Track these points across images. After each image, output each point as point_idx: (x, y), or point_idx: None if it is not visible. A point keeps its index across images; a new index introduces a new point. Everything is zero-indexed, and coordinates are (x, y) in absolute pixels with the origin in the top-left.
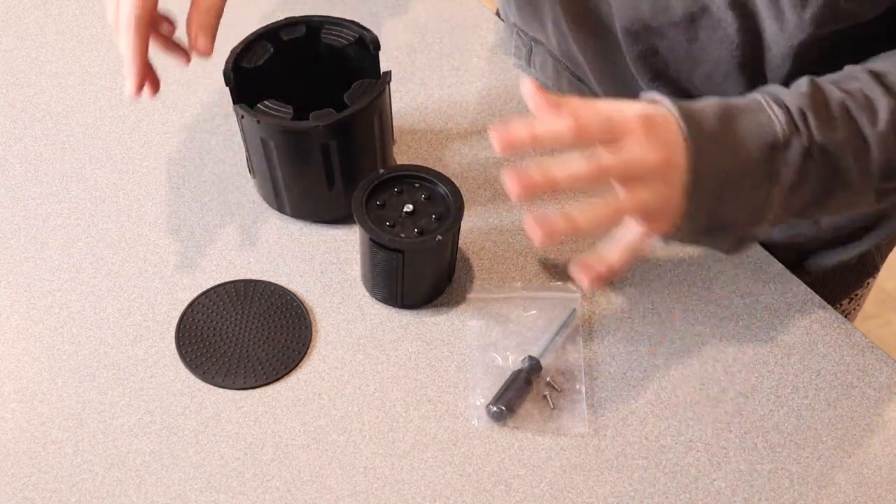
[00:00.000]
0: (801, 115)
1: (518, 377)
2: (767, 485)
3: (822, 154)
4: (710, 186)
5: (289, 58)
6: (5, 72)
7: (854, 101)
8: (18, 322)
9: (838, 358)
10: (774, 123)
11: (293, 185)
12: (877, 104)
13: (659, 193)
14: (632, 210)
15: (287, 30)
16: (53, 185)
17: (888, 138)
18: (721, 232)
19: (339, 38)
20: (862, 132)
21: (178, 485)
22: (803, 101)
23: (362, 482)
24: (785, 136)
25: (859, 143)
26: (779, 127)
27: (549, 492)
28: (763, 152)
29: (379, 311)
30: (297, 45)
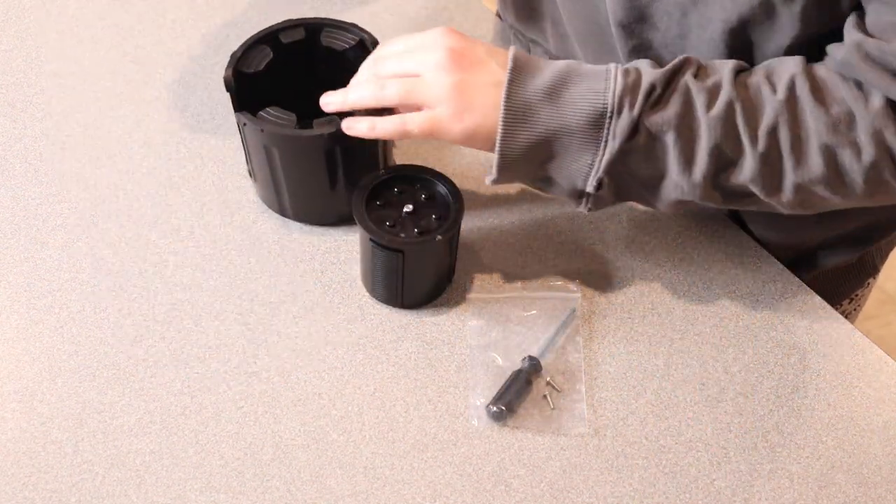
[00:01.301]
0: (634, 90)
1: (518, 377)
2: (767, 485)
3: (647, 129)
4: (530, 137)
5: (288, 61)
6: (5, 72)
7: (698, 84)
8: (18, 322)
9: (838, 358)
10: (607, 93)
11: (296, 190)
12: (720, 91)
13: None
14: (415, 129)
15: (286, 33)
16: (53, 185)
17: (720, 124)
18: (548, 183)
19: (339, 41)
20: (694, 113)
21: (178, 485)
22: (655, 76)
23: (362, 482)
24: (613, 107)
25: (688, 123)
26: (610, 97)
27: (549, 492)
28: (589, 118)
29: (379, 311)
30: (297, 48)
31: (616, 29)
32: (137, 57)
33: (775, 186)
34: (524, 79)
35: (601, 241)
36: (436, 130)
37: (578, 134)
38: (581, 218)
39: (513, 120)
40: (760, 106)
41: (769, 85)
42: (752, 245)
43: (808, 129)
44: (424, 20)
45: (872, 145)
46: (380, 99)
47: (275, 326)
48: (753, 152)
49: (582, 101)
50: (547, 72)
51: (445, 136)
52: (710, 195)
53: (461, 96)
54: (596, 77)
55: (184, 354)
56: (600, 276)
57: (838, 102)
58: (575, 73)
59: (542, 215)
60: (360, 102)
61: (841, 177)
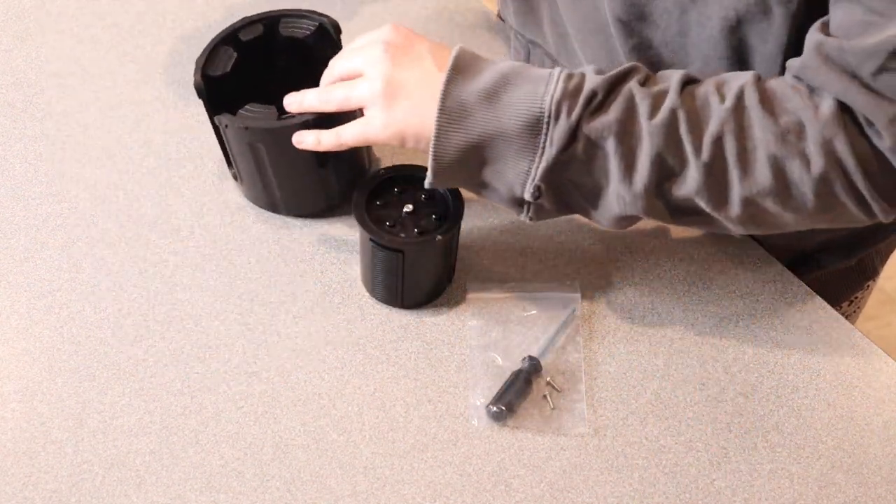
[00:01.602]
0: (574, 95)
1: (518, 377)
2: (767, 485)
3: (586, 136)
4: (464, 140)
5: (253, 57)
6: (5, 72)
7: (643, 91)
8: (18, 322)
9: (838, 358)
10: (545, 97)
11: (285, 183)
12: (664, 98)
13: (369, 129)
14: (350, 140)
15: (245, 31)
16: (53, 185)
17: (662, 131)
18: (487, 188)
19: (298, 30)
20: (636, 119)
21: (178, 485)
22: (598, 82)
23: (362, 482)
24: (551, 112)
25: (629, 129)
26: (547, 102)
27: (549, 492)
28: (527, 122)
29: (379, 311)
30: (259, 43)
31: (615, 27)
32: (137, 57)
33: (722, 199)
34: (462, 79)
35: (601, 241)
36: (368, 138)
37: (515, 139)
38: (581, 218)
39: (447, 121)
40: (706, 115)
41: (718, 95)
42: (752, 245)
43: (756, 138)
44: (425, 20)
45: (822, 156)
46: (325, 104)
47: (275, 326)
48: (697, 162)
49: (520, 105)
50: (487, 73)
51: (376, 140)
52: (654, 207)
53: (390, 96)
54: (537, 81)
55: (184, 354)
56: (600, 276)
57: (788, 112)
58: (517, 76)
59: None
60: (310, 109)
61: (789, 189)
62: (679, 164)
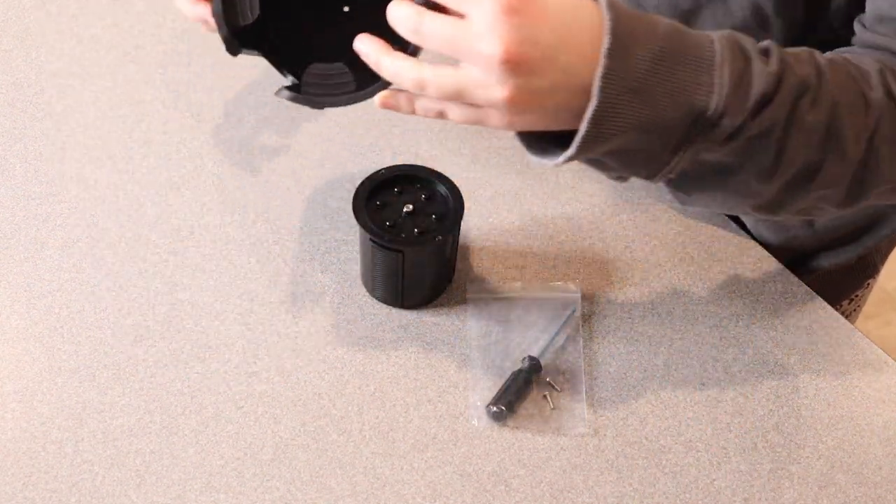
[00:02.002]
0: (743, 94)
1: (518, 377)
2: (767, 485)
3: (746, 135)
4: (612, 139)
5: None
6: (5, 72)
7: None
8: (18, 322)
9: (838, 358)
10: (712, 94)
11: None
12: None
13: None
14: (459, 120)
15: None
16: (53, 185)
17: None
18: (604, 168)
19: None
20: (799, 116)
21: (178, 485)
22: (768, 81)
23: (362, 482)
24: (716, 112)
25: (789, 127)
26: (714, 100)
27: (549, 492)
28: (685, 118)
29: (379, 311)
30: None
31: None
32: (137, 57)
33: (857, 194)
34: (617, 76)
35: (601, 241)
36: (485, 125)
37: (666, 133)
38: (581, 218)
39: (595, 130)
40: (860, 107)
41: (864, 82)
42: (752, 245)
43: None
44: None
45: None
46: (421, 88)
47: (275, 326)
48: (850, 158)
49: (680, 99)
50: (644, 56)
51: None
52: (785, 203)
53: (519, 105)
54: (699, 64)
55: (184, 354)
56: (600, 276)
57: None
58: (676, 55)
59: (542, 215)
60: (395, 81)
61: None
62: (833, 161)
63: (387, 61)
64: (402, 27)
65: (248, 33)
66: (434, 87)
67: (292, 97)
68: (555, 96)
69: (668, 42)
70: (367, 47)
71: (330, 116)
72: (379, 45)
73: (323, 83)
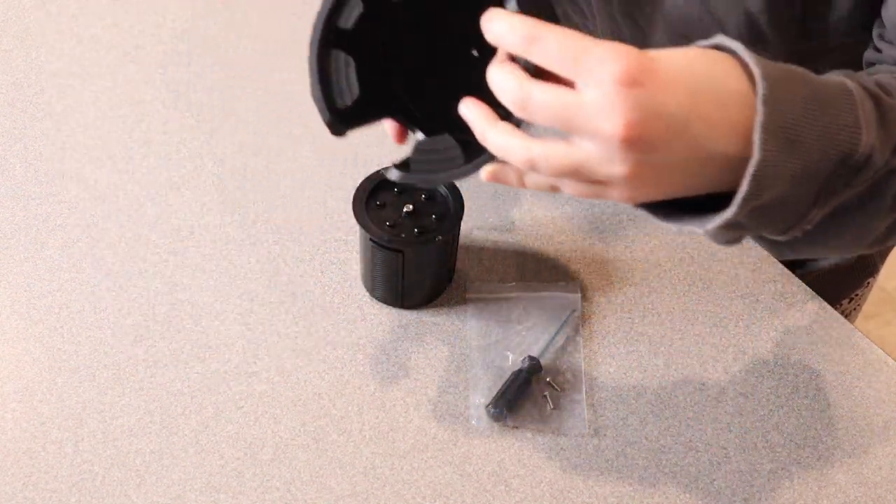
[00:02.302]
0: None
1: (518, 377)
2: (767, 485)
3: (887, 170)
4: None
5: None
6: (5, 72)
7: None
8: (18, 322)
9: (838, 358)
10: (859, 136)
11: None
12: None
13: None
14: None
15: None
16: (53, 185)
17: None
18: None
19: None
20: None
21: (178, 485)
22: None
23: (362, 482)
24: (864, 154)
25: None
26: (863, 142)
27: (549, 492)
28: (833, 163)
29: (379, 311)
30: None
31: None
32: (137, 57)
33: None
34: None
35: (601, 241)
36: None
37: (813, 182)
38: (581, 218)
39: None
40: None
41: None
42: (752, 245)
43: None
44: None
45: None
46: (532, 167)
47: (275, 326)
48: None
49: (829, 141)
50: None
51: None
52: (892, 233)
53: (643, 180)
54: (840, 109)
55: (184, 354)
56: (600, 276)
57: None
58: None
59: (542, 215)
60: (503, 158)
61: None
62: None
63: (493, 135)
64: (508, 99)
65: (349, 113)
66: (546, 166)
67: (402, 177)
68: (685, 168)
69: (810, 85)
70: (472, 114)
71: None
72: (485, 112)
73: (430, 158)
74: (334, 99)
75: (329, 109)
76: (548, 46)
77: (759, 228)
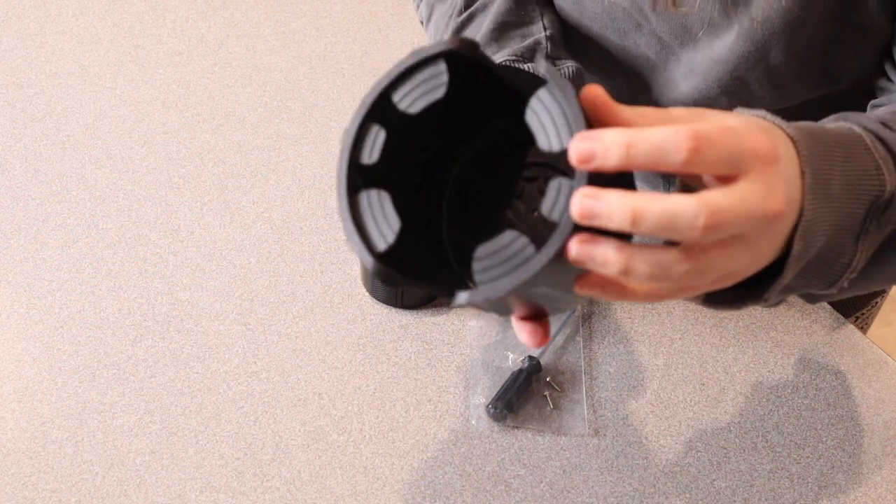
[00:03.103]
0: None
1: (518, 377)
2: (767, 485)
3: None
4: (810, 249)
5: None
6: (5, 72)
7: None
8: (18, 322)
9: (838, 358)
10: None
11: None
12: None
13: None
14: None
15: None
16: (53, 185)
17: None
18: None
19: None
20: None
21: (178, 485)
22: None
23: (362, 482)
24: (889, 193)
25: None
26: (888, 182)
27: (549, 492)
28: (863, 210)
29: (379, 311)
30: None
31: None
32: (137, 57)
33: None
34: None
35: None
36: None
37: (848, 233)
38: None
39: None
40: None
41: None
42: None
43: None
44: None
45: None
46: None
47: (275, 326)
48: None
49: (857, 188)
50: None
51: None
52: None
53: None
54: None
55: (184, 354)
56: None
57: None
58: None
59: None
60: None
61: None
62: None
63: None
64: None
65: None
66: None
67: (470, 301)
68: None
69: (830, 139)
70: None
71: (329, 116)
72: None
73: (495, 264)
74: (374, 242)
75: (371, 254)
76: (709, 154)
77: (806, 286)
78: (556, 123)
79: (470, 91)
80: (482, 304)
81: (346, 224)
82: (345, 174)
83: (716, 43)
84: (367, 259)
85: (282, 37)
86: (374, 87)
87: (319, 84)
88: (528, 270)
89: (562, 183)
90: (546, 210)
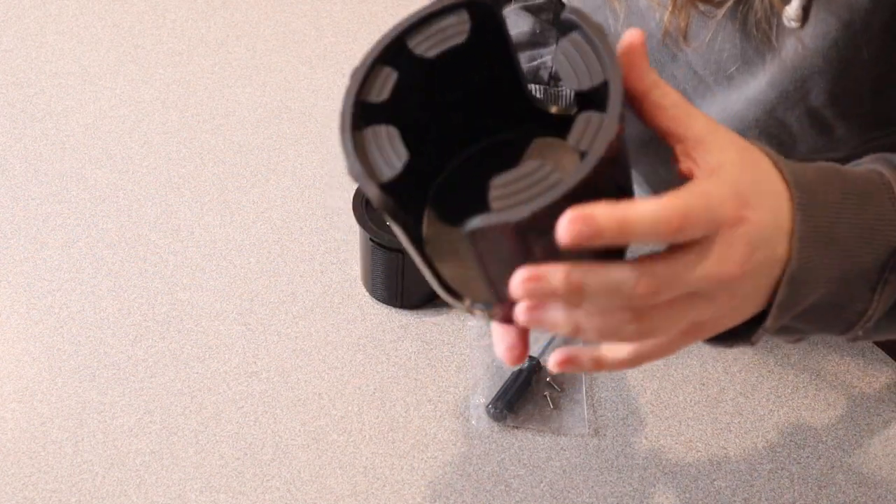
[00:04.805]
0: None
1: (518, 377)
2: (767, 485)
3: None
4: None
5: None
6: (5, 72)
7: None
8: (18, 322)
9: (838, 358)
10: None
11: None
12: None
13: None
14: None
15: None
16: (53, 185)
17: None
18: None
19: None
20: None
21: (178, 485)
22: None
23: (362, 482)
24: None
25: None
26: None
27: (549, 492)
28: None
29: (379, 311)
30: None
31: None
32: (137, 57)
33: None
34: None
35: None
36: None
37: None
38: None
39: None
40: None
41: None
42: None
43: None
44: None
45: None
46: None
47: (275, 326)
48: None
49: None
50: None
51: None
52: None
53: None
54: (879, 206)
55: (184, 354)
56: None
57: None
58: (863, 202)
59: None
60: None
61: None
62: None
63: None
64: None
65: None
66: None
67: (483, 225)
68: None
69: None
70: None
71: (329, 116)
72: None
73: (516, 191)
74: (379, 171)
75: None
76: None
77: (817, 331)
78: (587, 62)
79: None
80: (485, 248)
81: (346, 147)
82: (351, 101)
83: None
84: (370, 186)
85: (282, 37)
86: (390, 30)
87: (319, 84)
88: (557, 191)
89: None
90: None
